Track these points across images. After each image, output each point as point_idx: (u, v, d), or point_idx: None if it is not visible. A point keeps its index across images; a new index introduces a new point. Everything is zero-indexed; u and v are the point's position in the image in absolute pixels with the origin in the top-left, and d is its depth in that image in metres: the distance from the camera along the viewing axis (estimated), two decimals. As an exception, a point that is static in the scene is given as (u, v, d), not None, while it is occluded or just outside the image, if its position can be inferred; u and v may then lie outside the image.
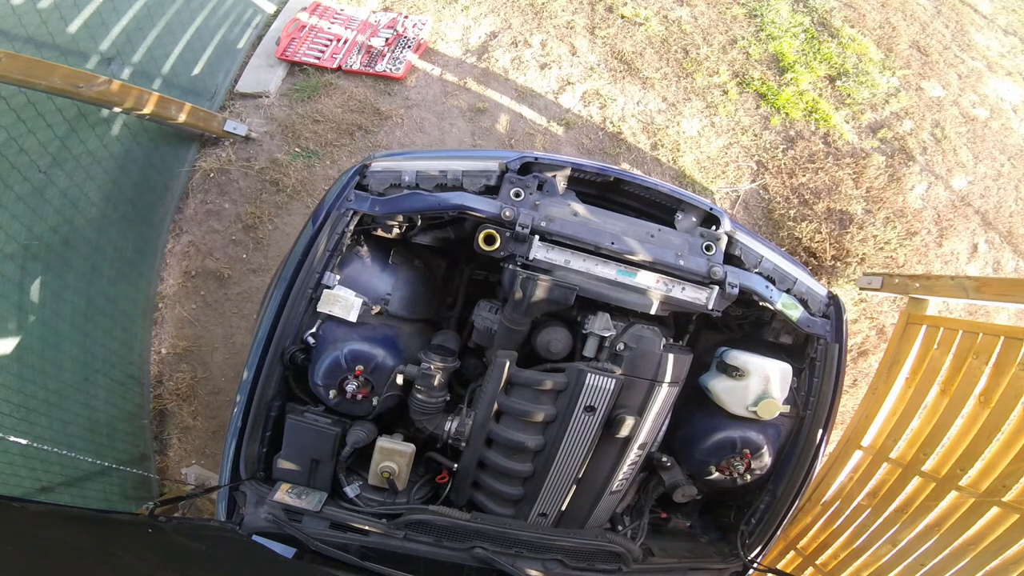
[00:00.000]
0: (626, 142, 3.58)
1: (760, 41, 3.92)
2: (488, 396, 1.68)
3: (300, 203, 3.36)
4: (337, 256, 1.71)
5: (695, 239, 1.78)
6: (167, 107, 2.86)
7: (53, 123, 2.42)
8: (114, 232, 2.94)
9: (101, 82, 2.41)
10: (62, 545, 1.01)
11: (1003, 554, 1.84)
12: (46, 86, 2.18)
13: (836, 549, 2.38)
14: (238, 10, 3.62)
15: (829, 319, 1.92)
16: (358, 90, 3.56)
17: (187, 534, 1.42)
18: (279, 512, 1.65)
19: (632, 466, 1.76)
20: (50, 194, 2.49)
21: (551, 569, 1.71)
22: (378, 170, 1.77)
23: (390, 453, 1.72)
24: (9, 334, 2.37)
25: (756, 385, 1.82)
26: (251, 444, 1.69)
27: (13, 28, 2.22)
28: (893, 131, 3.78)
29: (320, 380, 1.69)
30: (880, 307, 3.53)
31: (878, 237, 3.51)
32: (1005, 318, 3.54)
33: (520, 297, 1.64)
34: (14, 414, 2.34)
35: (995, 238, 3.76)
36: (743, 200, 3.58)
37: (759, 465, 1.87)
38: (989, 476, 1.96)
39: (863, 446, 2.45)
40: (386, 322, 1.82)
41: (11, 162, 2.24)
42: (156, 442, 3.27)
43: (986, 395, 2.06)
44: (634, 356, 1.65)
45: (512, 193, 1.71)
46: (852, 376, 3.45)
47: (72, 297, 2.69)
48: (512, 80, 3.64)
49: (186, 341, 3.26)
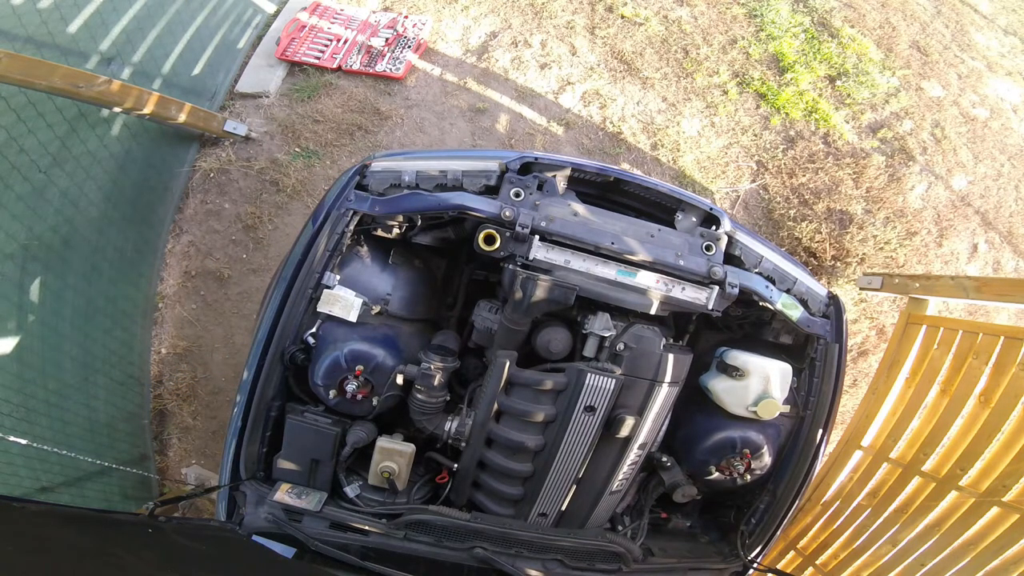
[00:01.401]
0: (626, 142, 3.58)
1: (760, 41, 3.92)
2: (488, 396, 1.68)
3: (300, 203, 3.36)
4: (337, 256, 1.71)
5: (695, 239, 1.78)
6: (167, 107, 2.86)
7: (53, 123, 2.42)
8: (114, 232, 2.94)
9: (101, 82, 2.41)
10: (62, 545, 1.01)
11: (1003, 554, 1.84)
12: (46, 86, 2.18)
13: (836, 549, 2.38)
14: (238, 10, 3.62)
15: (829, 319, 1.92)
16: (358, 90, 3.56)
17: (187, 534, 1.42)
18: (279, 512, 1.64)
19: (632, 466, 1.76)
20: (50, 194, 2.49)
21: (551, 569, 1.71)
22: (378, 170, 1.77)
23: (390, 453, 1.72)
24: (9, 334, 2.37)
25: (756, 385, 1.81)
26: (251, 444, 1.69)
27: (13, 28, 2.22)
28: (893, 131, 3.78)
29: (320, 380, 1.69)
30: (880, 307, 3.53)
31: (878, 237, 3.51)
32: (1005, 318, 3.54)
33: (520, 297, 1.64)
34: (14, 414, 2.34)
35: (995, 238, 3.76)
36: (743, 200, 3.58)
37: (759, 465, 1.87)
38: (989, 476, 1.96)
39: (863, 446, 2.45)
40: (386, 322, 1.82)
41: (11, 162, 2.24)
42: (156, 442, 3.27)
43: (986, 395, 2.06)
44: (634, 356, 1.65)
45: (512, 193, 1.70)
46: (852, 376, 3.45)
47: (72, 297, 2.69)
48: (512, 80, 3.64)
49: (186, 341, 3.26)
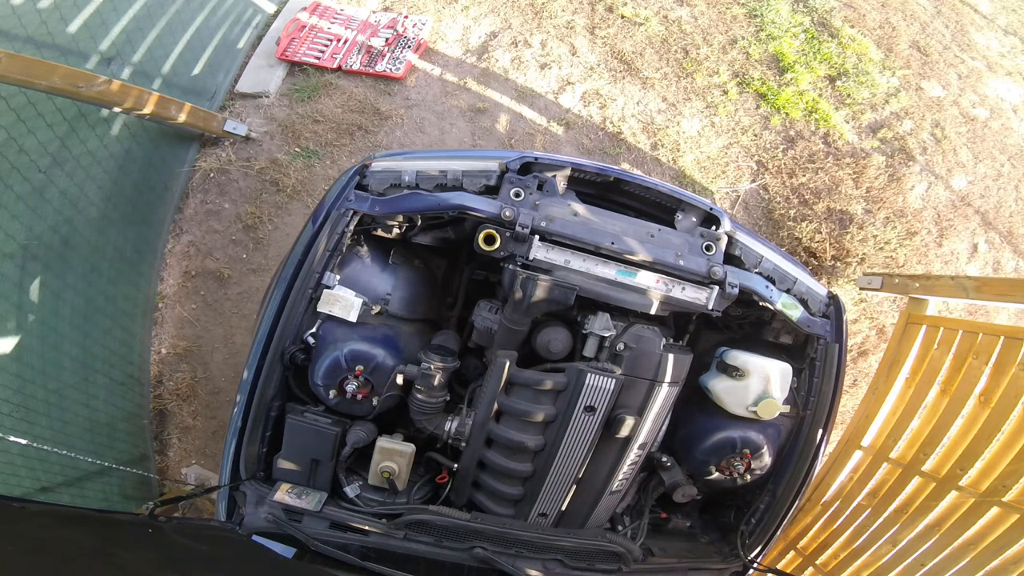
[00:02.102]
0: (626, 142, 3.58)
1: (760, 41, 3.92)
2: (488, 396, 1.68)
3: (300, 203, 3.36)
4: (337, 256, 1.71)
5: (695, 239, 1.77)
6: (167, 107, 2.86)
7: (53, 123, 2.42)
8: (114, 232, 2.94)
9: (101, 82, 2.41)
10: (62, 545, 1.01)
11: (1003, 554, 1.84)
12: (46, 86, 2.18)
13: (836, 549, 2.38)
14: (238, 10, 3.62)
15: (829, 319, 1.92)
16: (358, 90, 3.56)
17: (187, 534, 1.41)
18: (279, 512, 1.64)
19: (632, 466, 1.76)
20: (50, 194, 2.49)
21: (551, 569, 1.71)
22: (378, 170, 1.77)
23: (390, 453, 1.72)
24: (9, 334, 2.37)
25: (756, 385, 1.81)
26: (251, 444, 1.69)
27: (13, 28, 2.22)
28: (893, 131, 3.78)
29: (320, 380, 1.69)
30: (880, 307, 3.53)
31: (878, 237, 3.51)
32: (1005, 318, 3.54)
33: (520, 297, 1.64)
34: (14, 414, 2.34)
35: (995, 238, 3.76)
36: (743, 200, 3.58)
37: (759, 465, 1.87)
38: (989, 476, 1.96)
39: (863, 446, 2.45)
40: (386, 322, 1.82)
41: (11, 162, 2.24)
42: (156, 442, 3.27)
43: (986, 395, 2.06)
44: (634, 356, 1.65)
45: (512, 193, 1.70)
46: (852, 376, 3.45)
47: (72, 297, 2.69)
48: (512, 80, 3.64)
49: (186, 341, 3.26)
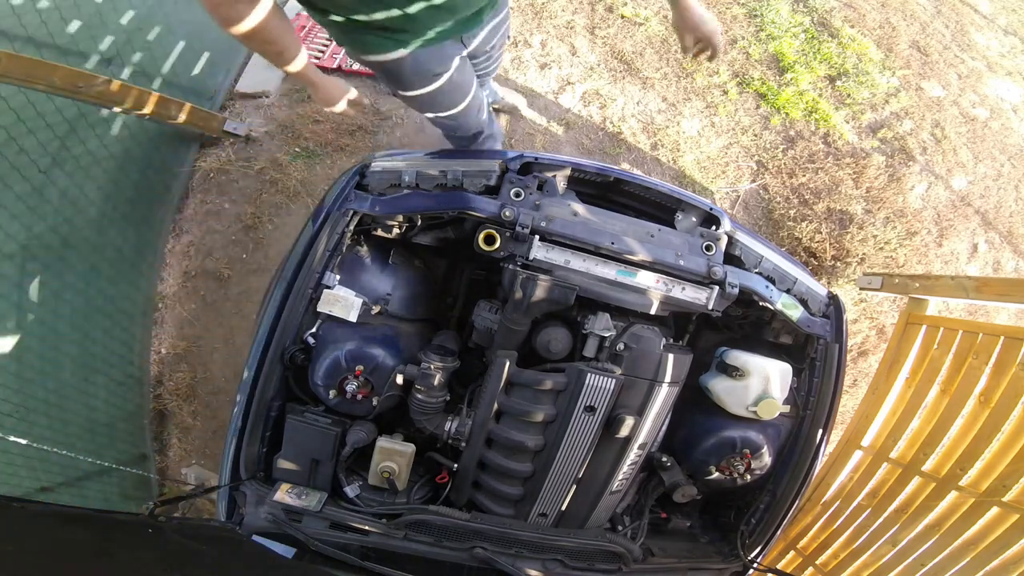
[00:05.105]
0: (626, 142, 3.58)
1: (760, 41, 3.92)
2: (488, 396, 1.67)
3: (300, 203, 3.36)
4: (337, 256, 1.71)
5: (695, 239, 1.77)
6: (167, 107, 2.85)
7: (53, 123, 2.41)
8: (114, 232, 2.94)
9: (101, 82, 2.40)
10: (62, 545, 1.01)
11: (1003, 554, 1.84)
12: (46, 86, 2.17)
13: (836, 549, 2.38)
14: (238, 10, 3.62)
15: (829, 319, 1.92)
16: (358, 90, 3.55)
17: (187, 534, 1.41)
18: (279, 512, 1.64)
19: (632, 466, 1.76)
20: (50, 194, 2.49)
21: (551, 569, 1.71)
22: (378, 170, 1.77)
23: (390, 453, 1.72)
24: (8, 334, 2.37)
25: (756, 385, 1.81)
26: (251, 444, 1.69)
27: (13, 28, 2.22)
28: (893, 131, 3.78)
29: (320, 380, 1.69)
30: (880, 307, 3.53)
31: (878, 237, 3.51)
32: (1005, 318, 3.54)
33: (520, 297, 1.64)
34: (14, 414, 2.34)
35: (995, 238, 3.77)
36: (743, 200, 3.58)
37: (759, 465, 1.87)
38: (989, 476, 1.95)
39: (863, 446, 2.45)
40: (386, 322, 1.82)
41: (11, 162, 2.23)
42: (156, 442, 3.26)
43: (986, 395, 2.06)
44: (634, 356, 1.65)
45: (512, 193, 1.70)
46: (852, 376, 3.45)
47: (71, 297, 2.69)
48: (512, 80, 3.64)
49: (186, 341, 3.26)
